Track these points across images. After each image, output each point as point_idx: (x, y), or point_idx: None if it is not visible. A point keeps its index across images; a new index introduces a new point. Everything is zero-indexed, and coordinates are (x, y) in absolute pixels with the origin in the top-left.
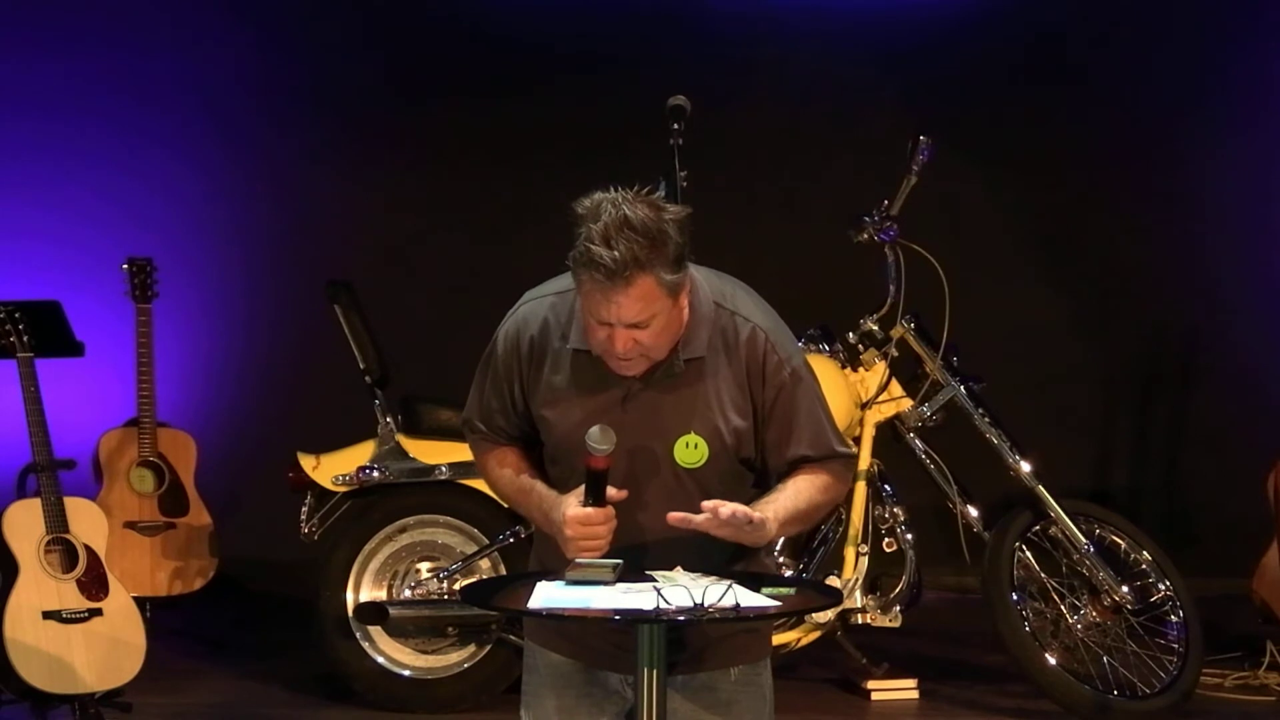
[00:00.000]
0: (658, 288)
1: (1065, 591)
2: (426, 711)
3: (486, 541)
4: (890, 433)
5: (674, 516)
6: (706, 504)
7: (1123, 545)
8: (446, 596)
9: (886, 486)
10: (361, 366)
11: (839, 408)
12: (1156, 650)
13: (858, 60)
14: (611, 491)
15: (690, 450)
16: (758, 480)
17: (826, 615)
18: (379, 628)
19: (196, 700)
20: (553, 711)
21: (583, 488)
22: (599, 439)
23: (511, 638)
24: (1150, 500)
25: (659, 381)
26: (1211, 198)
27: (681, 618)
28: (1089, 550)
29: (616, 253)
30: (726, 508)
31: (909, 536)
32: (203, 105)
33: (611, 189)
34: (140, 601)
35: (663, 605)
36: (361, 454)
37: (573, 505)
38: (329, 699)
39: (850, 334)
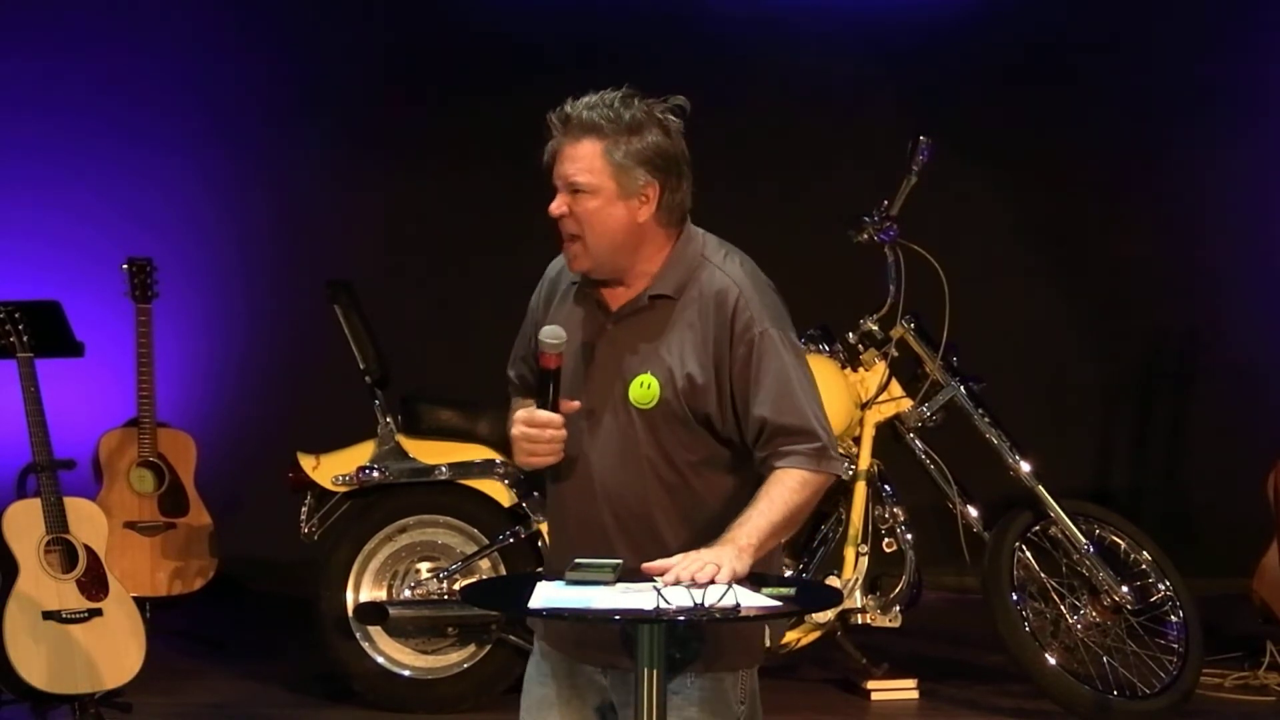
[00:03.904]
0: (603, 159)
1: (1065, 591)
2: (426, 711)
3: (486, 541)
4: (890, 433)
5: (648, 567)
6: (650, 567)
7: (1123, 545)
8: (446, 596)
9: (886, 486)
10: (361, 366)
11: (839, 408)
12: (1156, 650)
13: (858, 60)
14: (565, 402)
15: (643, 390)
16: (738, 463)
17: (826, 615)
18: (379, 628)
19: (196, 700)
20: (536, 700)
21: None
22: (550, 334)
23: (511, 638)
24: (1150, 500)
25: (628, 318)
26: (1211, 198)
27: (681, 618)
28: (1089, 550)
29: (581, 112)
30: (672, 573)
31: (909, 536)
32: (203, 105)
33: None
34: (140, 601)
35: (663, 605)
36: (361, 454)
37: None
38: (329, 699)
39: (850, 334)
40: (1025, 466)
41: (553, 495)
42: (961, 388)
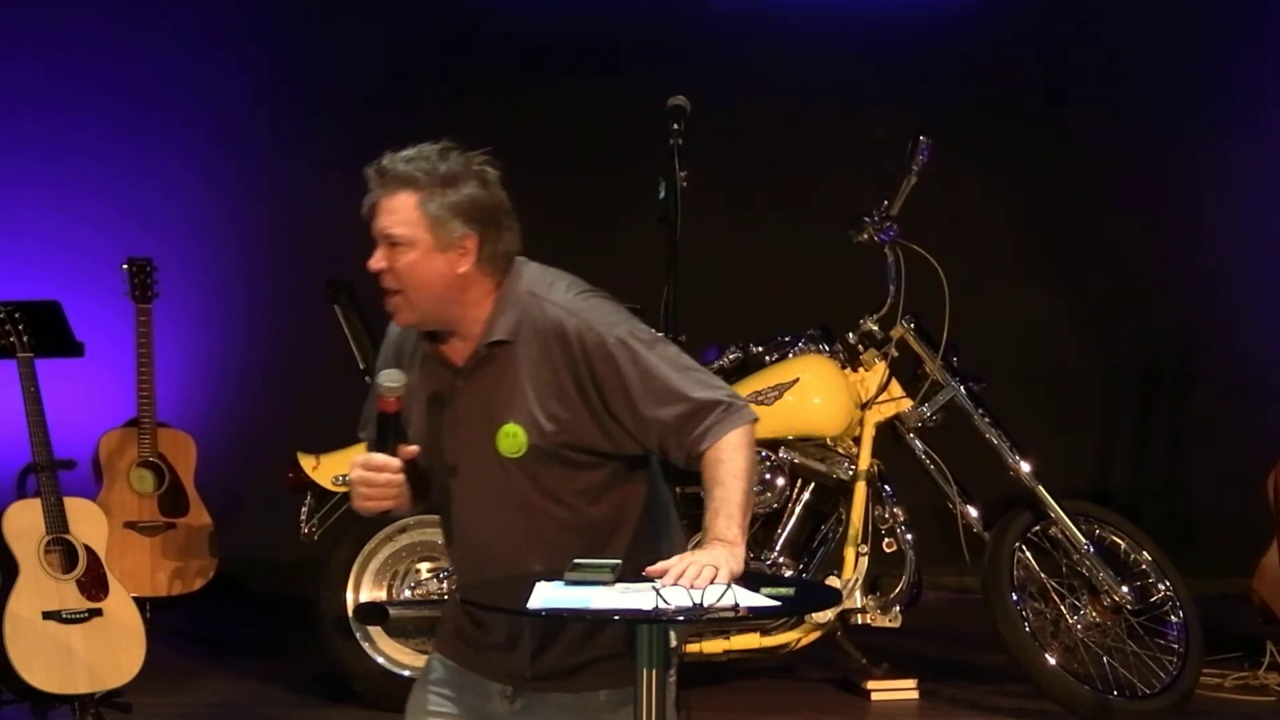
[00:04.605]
0: (417, 211)
1: (1065, 591)
2: None
3: None
4: (890, 433)
5: (650, 571)
6: (652, 570)
7: (1123, 545)
8: (446, 596)
9: (886, 486)
10: (361, 366)
11: (839, 408)
12: (1156, 650)
13: (858, 60)
14: (404, 448)
15: (510, 439)
16: (636, 468)
17: (826, 615)
18: (379, 628)
19: (196, 700)
20: (420, 708)
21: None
22: (387, 378)
23: None
24: (1150, 500)
25: (474, 372)
26: (1211, 198)
27: (681, 618)
28: (1089, 550)
29: (397, 165)
30: (670, 576)
31: (909, 536)
32: (203, 105)
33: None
34: (140, 601)
35: (662, 605)
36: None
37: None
38: (329, 699)
39: (850, 334)
40: (1025, 466)
41: (453, 561)
42: (961, 388)
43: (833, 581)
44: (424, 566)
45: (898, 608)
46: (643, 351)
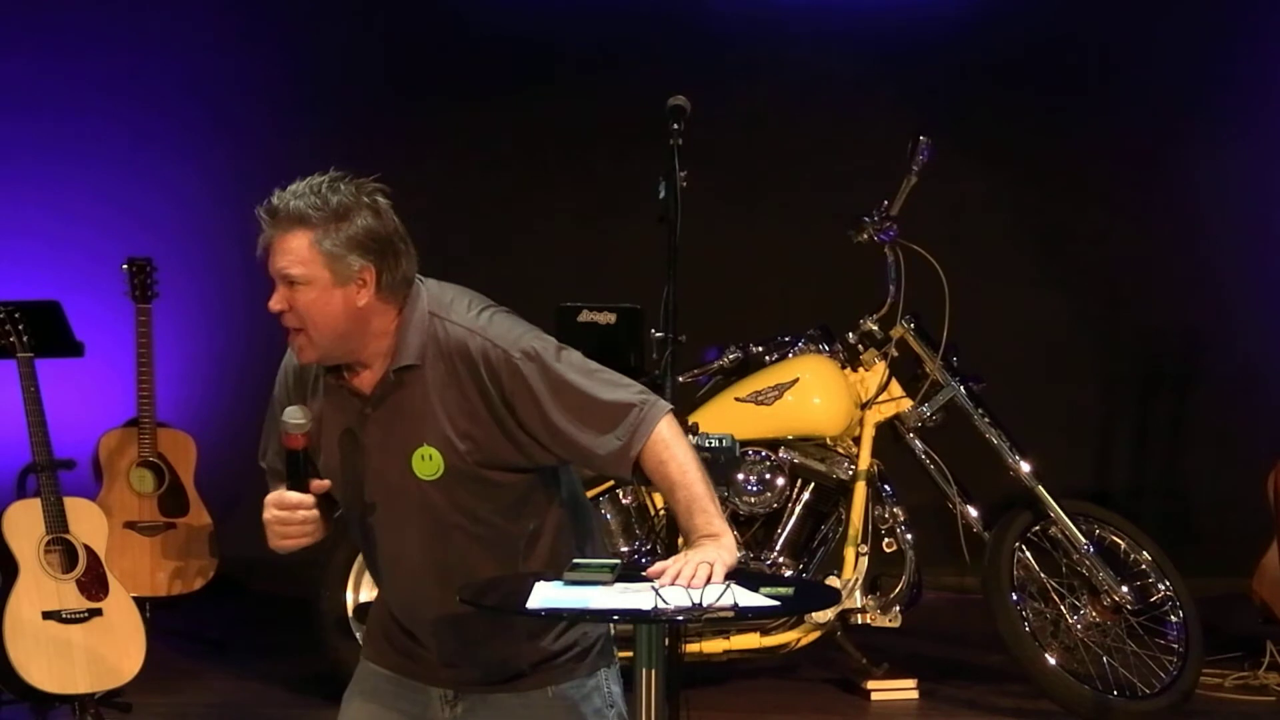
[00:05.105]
0: (313, 249)
1: (1065, 591)
2: None
3: None
4: (890, 433)
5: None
6: (653, 571)
7: (1123, 545)
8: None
9: (886, 486)
10: None
11: (839, 408)
12: (1156, 650)
13: (858, 60)
14: (315, 482)
15: (426, 462)
16: (552, 481)
17: (826, 615)
18: None
19: (196, 700)
20: (356, 713)
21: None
22: (292, 415)
23: None
24: (1150, 500)
25: (384, 399)
26: (1211, 198)
27: (680, 617)
28: (1089, 550)
29: (289, 202)
30: (667, 576)
31: (909, 536)
32: (203, 105)
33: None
34: (140, 601)
35: (661, 605)
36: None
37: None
38: (329, 699)
39: (850, 334)
40: (1025, 466)
41: (380, 586)
42: (961, 388)
43: (833, 581)
44: None
45: (898, 608)
46: (549, 362)
